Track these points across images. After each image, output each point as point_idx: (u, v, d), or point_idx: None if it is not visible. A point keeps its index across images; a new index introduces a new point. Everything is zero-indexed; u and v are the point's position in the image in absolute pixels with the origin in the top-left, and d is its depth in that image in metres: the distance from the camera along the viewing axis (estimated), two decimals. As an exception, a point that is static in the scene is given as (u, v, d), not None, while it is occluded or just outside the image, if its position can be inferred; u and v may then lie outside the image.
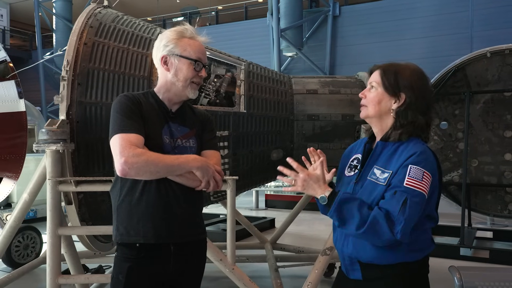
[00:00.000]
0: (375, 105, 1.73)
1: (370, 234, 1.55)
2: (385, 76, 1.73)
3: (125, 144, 1.69)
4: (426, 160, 1.60)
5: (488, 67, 6.07)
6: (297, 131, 3.63)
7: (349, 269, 1.75)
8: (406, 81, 1.69)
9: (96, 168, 2.98)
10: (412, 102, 1.68)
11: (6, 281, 3.89)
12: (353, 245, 1.69)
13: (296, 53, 16.47)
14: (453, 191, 6.55)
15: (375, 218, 1.53)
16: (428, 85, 1.74)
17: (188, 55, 1.85)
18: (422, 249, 1.67)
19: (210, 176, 1.81)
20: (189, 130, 1.91)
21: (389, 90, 1.71)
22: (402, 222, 1.51)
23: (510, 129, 6.18)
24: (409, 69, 1.73)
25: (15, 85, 5.08)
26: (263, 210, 9.75)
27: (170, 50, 1.85)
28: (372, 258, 1.65)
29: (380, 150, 1.72)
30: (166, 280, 1.86)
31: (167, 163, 1.72)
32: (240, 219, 5.15)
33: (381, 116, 1.73)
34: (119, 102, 1.81)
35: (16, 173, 5.12)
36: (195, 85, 1.88)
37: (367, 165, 1.74)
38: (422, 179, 1.56)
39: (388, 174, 1.63)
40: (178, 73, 1.85)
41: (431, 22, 14.67)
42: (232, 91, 3.52)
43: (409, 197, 1.53)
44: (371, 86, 1.76)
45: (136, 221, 1.80)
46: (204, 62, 1.89)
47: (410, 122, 1.67)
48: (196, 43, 1.89)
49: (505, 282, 2.11)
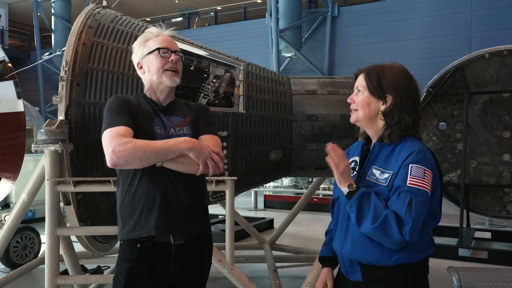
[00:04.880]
0: (364, 108, 1.74)
1: (381, 233, 1.55)
2: (369, 79, 1.74)
3: (112, 136, 1.71)
4: (425, 158, 1.61)
5: (487, 68, 6.09)
6: (296, 132, 3.63)
7: (348, 271, 1.74)
8: (390, 82, 1.70)
9: (94, 169, 2.97)
10: (397, 102, 1.69)
11: (4, 281, 3.88)
12: (352, 246, 1.69)
13: (295, 53, 16.47)
14: (452, 191, 6.56)
15: (387, 217, 1.54)
16: (412, 84, 1.74)
17: (152, 48, 1.89)
18: (423, 250, 1.67)
19: (206, 157, 1.75)
20: (182, 119, 1.91)
21: (375, 93, 1.72)
22: (410, 223, 1.52)
23: (509, 129, 6.19)
24: (392, 70, 1.74)
25: (13, 85, 5.08)
26: (262, 211, 9.75)
27: (140, 55, 1.93)
28: (372, 260, 1.65)
29: (377, 151, 1.73)
30: (167, 282, 1.84)
31: (155, 147, 1.70)
32: (239, 220, 5.15)
33: (371, 119, 1.75)
34: (108, 102, 1.87)
35: (15, 173, 5.11)
36: (170, 72, 1.88)
37: (366, 166, 1.74)
38: (424, 177, 1.57)
39: (389, 175, 1.63)
40: (150, 68, 1.89)
41: (430, 23, 14.67)
42: (231, 91, 3.52)
43: (413, 196, 1.54)
44: (357, 90, 1.77)
45: (138, 216, 1.79)
46: (171, 48, 1.90)
47: (397, 122, 1.69)
48: (160, 37, 1.92)
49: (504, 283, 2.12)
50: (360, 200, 1.59)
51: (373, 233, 1.58)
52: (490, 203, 6.41)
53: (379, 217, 1.54)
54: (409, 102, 1.70)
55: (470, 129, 6.22)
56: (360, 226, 1.61)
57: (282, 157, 3.65)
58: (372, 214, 1.56)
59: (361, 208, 1.59)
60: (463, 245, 5.54)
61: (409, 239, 1.53)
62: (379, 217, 1.55)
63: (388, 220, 1.54)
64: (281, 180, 11.00)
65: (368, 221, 1.57)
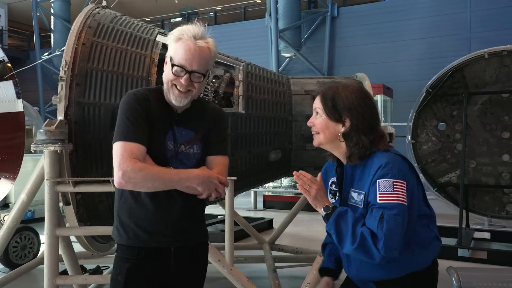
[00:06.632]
0: (324, 131, 1.73)
1: (362, 251, 1.55)
2: (324, 102, 1.72)
3: (126, 155, 1.64)
4: (392, 170, 1.59)
5: (486, 68, 6.09)
6: (295, 132, 3.63)
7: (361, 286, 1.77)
8: (344, 104, 1.69)
9: (94, 169, 2.97)
10: (353, 124, 1.67)
11: (3, 281, 3.88)
12: (357, 270, 1.70)
13: (295, 54, 16.49)
14: (451, 192, 6.56)
15: (363, 234, 1.54)
16: (367, 103, 1.71)
17: (173, 58, 1.72)
18: (427, 255, 1.67)
19: (212, 189, 1.72)
20: (193, 135, 1.83)
21: (331, 117, 1.71)
22: (383, 238, 1.51)
23: (508, 130, 6.19)
24: (347, 90, 1.71)
25: (13, 85, 5.07)
26: (261, 211, 9.74)
27: (168, 51, 1.78)
28: (380, 276, 1.65)
29: (350, 172, 1.72)
30: (167, 283, 1.84)
31: (165, 180, 1.66)
32: (238, 220, 5.15)
33: (333, 141, 1.73)
34: (127, 104, 1.74)
35: (14, 173, 5.11)
36: (178, 92, 1.73)
37: (344, 190, 1.74)
38: (394, 190, 1.55)
39: (362, 195, 1.63)
40: (165, 74, 1.77)
41: (429, 23, 14.69)
42: (230, 91, 3.53)
43: (385, 211, 1.53)
44: (316, 112, 1.76)
45: (135, 225, 1.78)
46: (188, 68, 1.70)
47: (355, 144, 1.67)
48: (186, 47, 1.69)
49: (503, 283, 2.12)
50: (337, 221, 1.59)
51: (355, 253, 1.58)
52: (489, 203, 6.41)
53: (357, 237, 1.54)
54: (366, 122, 1.68)
55: (469, 130, 6.23)
56: (342, 248, 1.61)
57: (281, 157, 3.65)
58: (350, 234, 1.55)
59: (339, 229, 1.59)
60: (463, 246, 5.54)
61: (384, 253, 1.51)
62: (357, 236, 1.54)
63: (365, 237, 1.53)
64: (281, 180, 11.00)
65: (348, 243, 1.57)
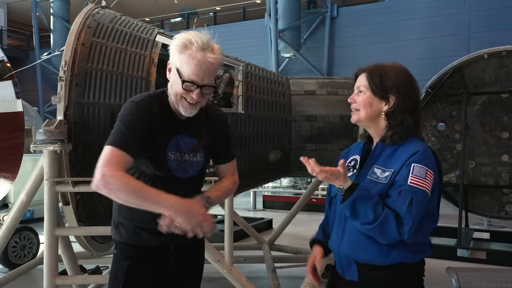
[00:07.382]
0: (366, 109, 1.72)
1: (378, 231, 1.56)
2: (371, 79, 1.72)
3: (112, 160, 1.60)
4: (427, 159, 1.61)
5: (486, 69, 6.09)
6: (295, 132, 3.63)
7: (345, 269, 1.74)
8: (392, 82, 1.69)
9: (93, 169, 2.96)
10: (400, 103, 1.68)
11: (3, 281, 3.88)
12: (349, 245, 1.68)
13: (294, 54, 16.48)
14: (451, 192, 6.57)
15: (386, 217, 1.54)
16: (413, 84, 1.74)
17: (182, 72, 1.66)
18: (420, 251, 1.67)
19: (194, 225, 1.56)
20: (197, 142, 1.81)
21: (377, 94, 1.71)
22: (410, 223, 1.53)
23: (507, 130, 6.20)
24: (394, 70, 1.73)
25: (12, 85, 5.07)
26: (261, 211, 9.74)
27: (171, 59, 1.72)
28: (369, 258, 1.65)
29: (379, 150, 1.73)
30: (166, 280, 1.85)
31: (140, 197, 1.56)
32: (238, 220, 5.15)
33: (373, 119, 1.73)
34: (129, 109, 1.70)
35: (13, 173, 5.11)
36: (187, 104, 1.69)
37: (367, 165, 1.74)
38: (425, 177, 1.57)
39: (390, 173, 1.63)
40: (172, 85, 1.72)
41: (429, 24, 14.69)
42: (230, 92, 3.53)
43: (414, 196, 1.54)
44: (359, 90, 1.75)
45: (135, 225, 1.79)
46: (199, 83, 1.65)
47: (399, 123, 1.68)
48: (196, 61, 1.63)
49: (502, 283, 2.12)
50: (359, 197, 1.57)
51: (368, 231, 1.59)
52: (488, 203, 6.42)
53: (379, 216, 1.54)
54: (411, 102, 1.70)
55: (468, 130, 6.23)
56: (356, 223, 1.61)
57: (281, 158, 3.66)
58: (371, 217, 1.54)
59: (355, 211, 1.58)
60: (462, 246, 5.55)
61: (407, 238, 1.53)
62: (377, 219, 1.54)
63: (388, 220, 1.53)
64: (280, 180, 11.01)
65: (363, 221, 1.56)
